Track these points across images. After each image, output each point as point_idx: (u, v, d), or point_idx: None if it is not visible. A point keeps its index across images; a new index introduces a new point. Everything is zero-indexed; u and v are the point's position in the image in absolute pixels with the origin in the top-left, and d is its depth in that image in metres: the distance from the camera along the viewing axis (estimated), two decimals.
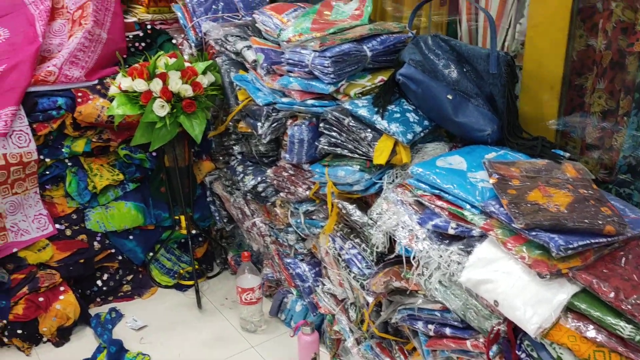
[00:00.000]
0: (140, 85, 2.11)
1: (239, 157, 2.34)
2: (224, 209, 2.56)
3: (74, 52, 2.35)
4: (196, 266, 2.53)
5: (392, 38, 1.87)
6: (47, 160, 2.33)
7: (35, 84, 2.27)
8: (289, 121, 1.97)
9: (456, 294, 1.35)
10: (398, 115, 1.67)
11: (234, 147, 2.36)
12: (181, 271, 2.61)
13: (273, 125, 1.99)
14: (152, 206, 2.56)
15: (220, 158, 2.49)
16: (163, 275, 2.61)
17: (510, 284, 1.19)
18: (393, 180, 1.65)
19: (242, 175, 2.24)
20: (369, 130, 1.66)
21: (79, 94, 2.33)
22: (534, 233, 1.19)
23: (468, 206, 1.34)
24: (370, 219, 1.65)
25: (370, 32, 1.85)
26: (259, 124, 2.01)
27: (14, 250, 2.26)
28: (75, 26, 2.44)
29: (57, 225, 2.39)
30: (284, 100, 1.94)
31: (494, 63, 1.54)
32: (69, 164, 2.40)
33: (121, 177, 2.46)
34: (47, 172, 2.36)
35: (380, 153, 1.62)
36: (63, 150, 2.35)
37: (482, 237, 1.30)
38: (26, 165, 2.22)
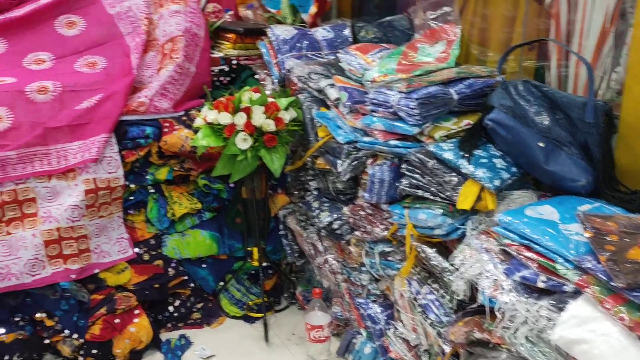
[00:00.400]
0: (225, 118, 2.17)
1: (315, 192, 2.35)
2: (296, 243, 2.56)
3: (164, 85, 2.45)
4: (265, 299, 2.54)
5: (480, 82, 1.85)
6: (132, 186, 2.41)
7: (127, 113, 2.37)
8: (369, 160, 1.97)
9: (545, 352, 1.29)
10: (485, 160, 1.63)
11: (310, 182, 2.37)
12: (250, 303, 2.63)
13: (353, 164, 2.00)
14: (227, 236, 2.60)
15: (295, 192, 2.51)
16: (232, 305, 2.63)
17: (608, 346, 1.13)
18: (477, 227, 1.61)
19: (317, 211, 2.24)
20: (454, 174, 1.63)
21: (166, 124, 2.41)
22: (635, 293, 1.12)
23: (560, 260, 1.29)
24: (452, 265, 1.61)
25: (457, 75, 1.84)
26: (339, 161, 2.02)
27: (96, 271, 2.33)
28: (165, 59, 2.55)
29: (136, 249, 2.46)
30: (366, 139, 1.94)
31: (591, 112, 1.49)
32: (152, 190, 2.47)
33: (199, 206, 2.52)
34: (131, 198, 2.44)
35: (465, 198, 1.59)
36: (147, 177, 2.43)
37: (576, 293, 1.24)
38: (113, 190, 2.31)
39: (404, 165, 1.77)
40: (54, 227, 2.21)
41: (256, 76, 2.65)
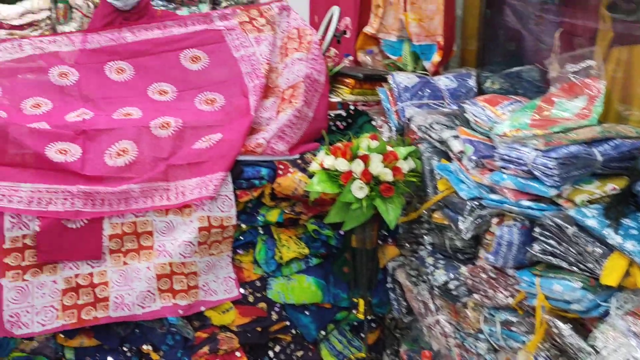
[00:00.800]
0: (342, 164, 2.13)
1: (430, 247, 2.23)
2: (404, 298, 2.44)
3: (282, 128, 2.45)
4: (367, 353, 2.42)
5: (628, 143, 1.68)
6: (243, 226, 2.41)
7: (244, 154, 2.39)
8: (495, 220, 1.84)
9: None
10: (635, 232, 1.46)
11: (425, 236, 2.26)
12: (351, 356, 2.53)
13: (476, 222, 1.87)
14: (332, 284, 2.53)
15: (407, 245, 2.41)
16: (332, 356, 2.54)
17: None
18: (623, 306, 1.44)
19: (432, 268, 2.13)
20: (598, 244, 1.47)
21: (281, 166, 2.41)
22: None
23: None
24: (591, 346, 1.44)
25: (601, 134, 1.69)
26: (461, 218, 1.90)
27: (202, 308, 2.33)
28: (284, 103, 2.56)
29: (242, 290, 2.44)
30: (493, 197, 1.82)
31: None
32: (261, 232, 2.46)
33: (306, 251, 2.48)
34: (241, 238, 2.44)
35: (611, 272, 1.42)
36: (258, 218, 2.43)
37: None
38: (225, 229, 2.32)
39: (537, 229, 1.63)
40: (167, 262, 2.24)
41: (373, 122, 2.61)
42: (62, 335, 2.23)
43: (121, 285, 2.21)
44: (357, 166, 2.11)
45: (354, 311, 2.46)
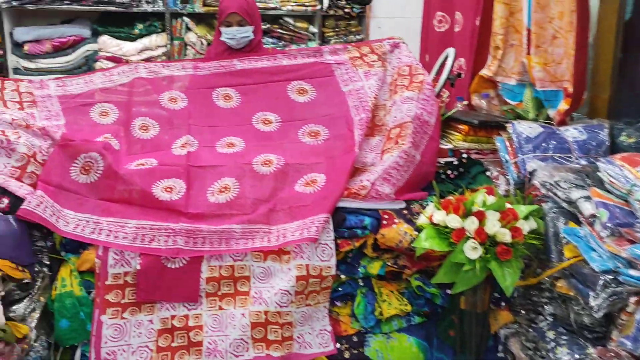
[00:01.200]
0: (454, 221, 1.96)
1: (550, 319, 2.00)
2: None
3: (388, 170, 2.32)
4: None
5: None
6: (343, 276, 2.29)
7: (347, 196, 2.28)
8: (634, 299, 1.60)
9: None
10: None
11: (545, 305, 2.03)
12: None
13: (610, 299, 1.64)
14: (436, 348, 2.33)
15: (523, 312, 2.18)
16: None
17: None
18: None
19: (553, 343, 1.89)
20: None
21: (385, 216, 2.27)
22: None
23: None
24: None
25: None
26: (591, 293, 1.67)
27: None
28: (390, 143, 2.44)
29: (337, 345, 2.31)
30: (632, 272, 1.59)
31: None
32: (361, 284, 2.33)
33: (409, 308, 2.31)
34: (340, 289, 2.31)
35: None
36: (359, 269, 2.30)
37: None
38: (323, 279, 2.21)
39: None
40: (262, 310, 2.15)
41: (488, 173, 2.41)
42: None
43: (215, 331, 2.16)
44: (471, 224, 1.94)
45: None
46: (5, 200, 2.12)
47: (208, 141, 2.52)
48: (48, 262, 2.16)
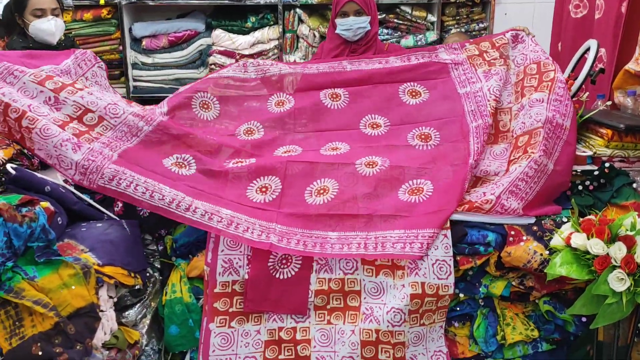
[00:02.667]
0: (597, 247, 1.71)
1: None
2: None
3: (516, 182, 2.09)
4: None
5: None
6: (461, 295, 2.11)
7: (468, 210, 2.07)
8: None
9: None
10: None
11: None
12: None
13: None
14: None
15: None
16: None
17: None
18: None
19: None
20: None
21: (512, 233, 2.05)
22: None
23: None
24: None
25: None
26: None
27: None
28: (518, 152, 2.19)
29: None
30: None
31: None
32: (482, 304, 2.14)
33: (536, 334, 2.08)
34: (457, 308, 2.14)
35: None
36: (480, 289, 2.10)
37: None
38: (440, 298, 2.03)
39: None
40: (374, 328, 2.02)
41: (634, 185, 2.11)
42: None
43: (324, 346, 2.06)
44: (618, 251, 1.68)
45: None
46: (120, 204, 2.13)
47: (312, 145, 2.42)
48: (159, 267, 2.17)
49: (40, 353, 1.56)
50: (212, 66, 3.81)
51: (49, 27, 2.63)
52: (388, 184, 2.21)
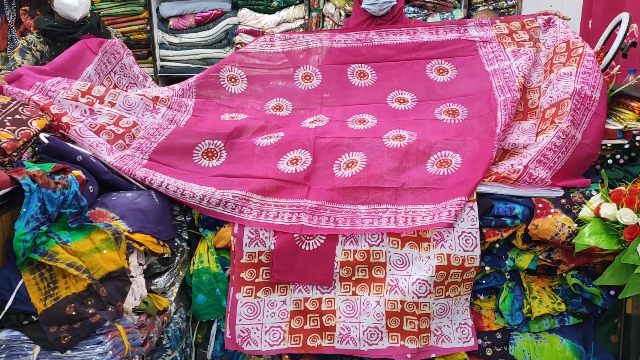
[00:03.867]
0: (627, 216, 1.69)
1: None
2: None
3: (543, 151, 2.06)
4: None
5: None
6: (487, 268, 2.11)
7: (495, 180, 2.06)
8: None
9: None
10: None
11: None
12: None
13: None
14: (593, 353, 2.09)
15: None
16: None
17: None
18: None
19: None
20: None
21: (539, 205, 2.03)
22: None
23: None
24: None
25: None
26: None
27: (432, 355, 2.09)
28: (545, 123, 2.17)
29: (479, 341, 2.14)
30: None
31: None
32: (508, 277, 2.13)
33: (563, 307, 2.08)
34: (483, 281, 2.14)
35: None
36: (506, 262, 2.09)
37: None
38: (466, 271, 2.03)
39: None
40: (399, 299, 2.04)
41: None
42: (287, 356, 2.18)
43: (349, 317, 2.08)
44: None
45: None
46: None
47: (339, 117, 2.45)
48: (187, 238, 2.21)
49: (73, 313, 1.60)
50: (238, 45, 3.83)
51: (72, 2, 2.67)
52: (415, 157, 2.22)
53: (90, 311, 1.62)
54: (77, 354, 1.61)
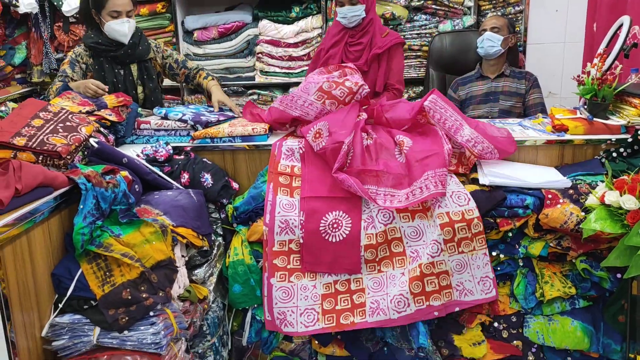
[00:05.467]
0: (629, 202, 1.84)
1: None
2: None
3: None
4: None
5: None
6: (502, 256, 2.25)
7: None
8: None
9: None
10: None
11: None
12: None
13: None
14: (602, 333, 2.22)
15: None
16: None
17: None
18: None
19: None
20: None
21: (549, 196, 2.18)
22: None
23: None
24: None
25: None
26: None
27: (456, 309, 2.22)
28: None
29: (495, 324, 2.29)
30: None
31: None
32: (521, 264, 2.28)
33: (573, 291, 2.21)
34: (498, 268, 2.28)
35: None
36: (519, 249, 2.24)
37: None
38: (470, 223, 2.18)
39: None
40: (417, 264, 2.18)
41: None
42: (317, 342, 2.34)
43: (377, 292, 2.22)
44: None
45: None
46: (186, 176, 2.34)
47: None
48: (222, 233, 2.37)
49: (129, 297, 1.77)
50: (259, 55, 4.00)
51: (123, 29, 2.77)
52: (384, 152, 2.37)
53: (143, 295, 1.78)
54: (133, 334, 1.77)
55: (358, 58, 3.06)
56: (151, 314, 1.80)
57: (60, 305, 1.77)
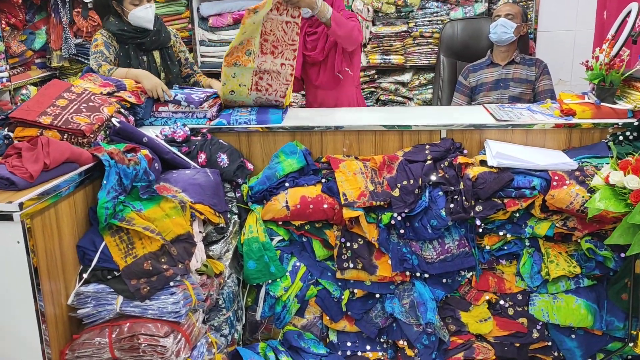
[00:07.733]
0: (633, 182, 1.90)
1: None
2: None
3: None
4: None
5: None
6: (509, 235, 2.32)
7: None
8: None
9: None
10: None
11: None
12: None
13: None
14: (606, 310, 2.29)
15: None
16: None
17: None
18: None
19: None
20: None
21: (556, 177, 2.24)
22: None
23: None
24: None
25: None
26: None
27: None
28: None
29: (501, 302, 2.36)
30: None
31: None
32: (527, 244, 2.34)
33: (578, 270, 2.28)
34: (505, 248, 2.35)
35: None
36: (526, 229, 2.30)
37: None
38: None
39: None
40: None
41: None
42: (328, 317, 2.42)
43: None
44: None
45: (631, 344, 2.19)
46: (203, 156, 2.41)
47: None
48: (237, 211, 2.45)
49: (150, 268, 1.85)
50: None
51: (148, 15, 2.82)
52: None
53: (164, 267, 1.86)
54: (154, 303, 1.85)
55: (314, 48, 3.08)
56: (171, 284, 1.88)
57: (85, 276, 1.85)
